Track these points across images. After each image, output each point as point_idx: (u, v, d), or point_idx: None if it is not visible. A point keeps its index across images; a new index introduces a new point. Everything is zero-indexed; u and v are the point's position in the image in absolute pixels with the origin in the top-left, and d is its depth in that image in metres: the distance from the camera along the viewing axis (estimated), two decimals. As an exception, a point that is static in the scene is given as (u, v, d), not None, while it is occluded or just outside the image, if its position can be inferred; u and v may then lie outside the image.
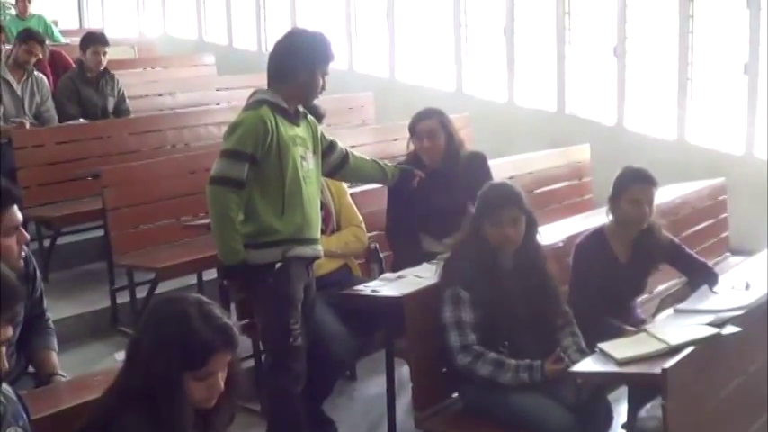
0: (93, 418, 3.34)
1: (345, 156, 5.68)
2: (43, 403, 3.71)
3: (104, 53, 9.64)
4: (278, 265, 5.15)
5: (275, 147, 5.09)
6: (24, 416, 3.17)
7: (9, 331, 3.03)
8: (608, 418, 5.06)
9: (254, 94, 5.34)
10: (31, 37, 9.47)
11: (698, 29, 9.51)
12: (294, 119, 5.26)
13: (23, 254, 4.22)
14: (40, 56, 9.56)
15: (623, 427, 5.23)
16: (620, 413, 5.25)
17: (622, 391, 5.38)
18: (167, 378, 3.22)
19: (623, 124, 10.15)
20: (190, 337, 3.22)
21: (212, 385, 3.29)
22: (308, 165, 5.27)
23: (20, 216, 4.17)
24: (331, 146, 5.60)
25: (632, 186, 5.68)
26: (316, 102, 5.68)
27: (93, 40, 9.70)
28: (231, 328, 3.33)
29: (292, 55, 5.27)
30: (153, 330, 3.31)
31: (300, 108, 5.36)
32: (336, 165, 5.65)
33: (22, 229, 4.16)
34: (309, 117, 5.45)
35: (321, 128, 5.61)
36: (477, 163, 6.50)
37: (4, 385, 3.09)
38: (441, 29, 12.11)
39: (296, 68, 5.22)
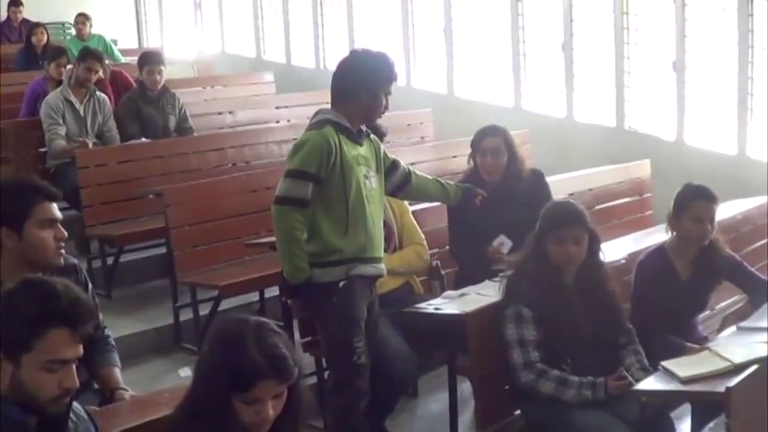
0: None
1: (408, 174, 5.71)
2: (112, 420, 3.76)
3: (160, 72, 9.72)
4: (341, 284, 5.19)
5: (339, 166, 5.13)
6: (95, 432, 3.22)
7: (80, 349, 3.09)
8: (672, 436, 5.06)
9: (317, 113, 5.38)
10: (89, 54, 9.57)
11: (758, 43, 9.44)
12: (357, 138, 5.30)
13: (62, 251, 4.30)
14: (100, 73, 9.65)
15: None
16: (684, 431, 5.24)
17: (685, 408, 5.37)
18: (216, 398, 3.22)
19: (683, 139, 10.08)
20: (239, 359, 3.20)
21: (260, 411, 3.23)
22: (371, 184, 5.31)
23: (57, 213, 4.29)
24: (394, 165, 5.64)
25: (694, 203, 5.66)
26: (378, 120, 5.72)
27: (149, 60, 9.81)
28: (285, 359, 3.25)
29: (355, 75, 5.32)
30: (210, 349, 3.33)
31: (363, 127, 5.39)
32: (399, 184, 5.68)
33: (59, 226, 4.25)
34: (372, 136, 5.49)
35: (382, 146, 5.64)
36: (537, 180, 6.50)
37: (74, 404, 3.14)
38: (499, 44, 12.08)
39: (359, 88, 5.26)
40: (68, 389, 3.06)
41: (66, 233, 4.31)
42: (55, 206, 4.30)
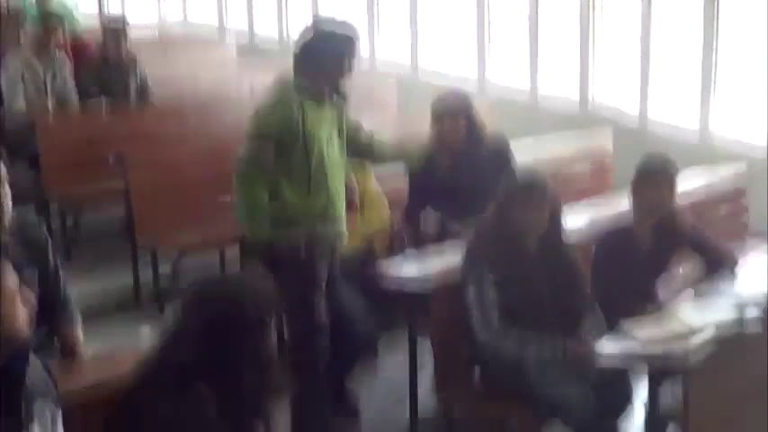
0: (131, 395, 3.42)
1: (370, 138, 5.71)
2: (72, 376, 3.76)
3: (125, 37, 9.64)
4: (302, 245, 5.19)
5: (301, 129, 5.14)
6: (53, 389, 3.20)
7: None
8: (628, 396, 5.10)
9: (280, 76, 5.38)
10: (49, 17, 9.52)
11: (724, 15, 9.47)
12: (320, 101, 5.30)
13: (7, 209, 4.24)
14: (60, 37, 9.58)
15: (644, 405, 5.26)
16: (641, 392, 5.28)
17: (643, 369, 5.41)
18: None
19: (646, 113, 10.12)
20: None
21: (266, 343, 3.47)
22: (333, 146, 5.32)
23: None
24: (356, 128, 5.64)
25: (653, 173, 5.69)
26: (341, 86, 5.70)
27: (114, 24, 9.75)
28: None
29: (318, 42, 5.31)
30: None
31: (326, 91, 5.38)
32: (361, 147, 5.69)
33: (6, 184, 4.21)
34: (335, 100, 5.48)
35: (345, 110, 5.63)
36: (500, 146, 6.51)
37: (32, 359, 3.12)
38: (464, 14, 12.08)
39: (320, 55, 5.26)
40: (33, 305, 3.10)
41: (8, 191, 4.23)
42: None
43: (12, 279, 3.00)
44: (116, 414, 3.46)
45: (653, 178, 5.66)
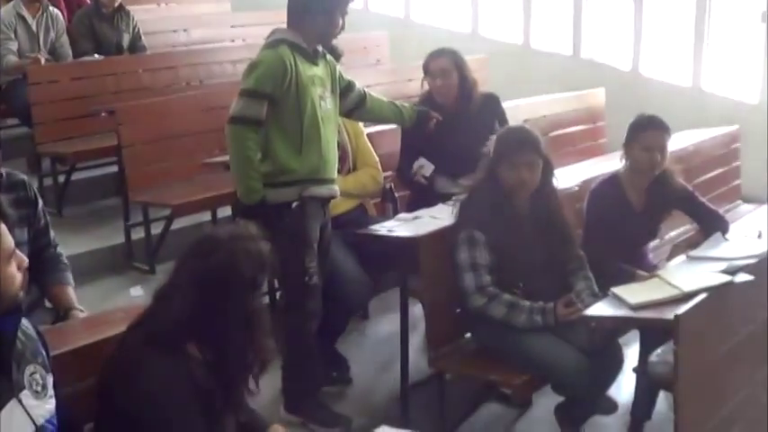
0: (121, 354, 3.43)
1: (363, 96, 5.69)
2: (62, 339, 3.72)
3: (119, -10, 9.63)
4: (294, 205, 5.18)
5: (294, 86, 5.10)
6: (43, 353, 3.18)
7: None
8: (619, 361, 5.09)
9: (273, 33, 5.34)
10: None
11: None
12: (313, 58, 5.27)
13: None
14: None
15: (634, 370, 5.28)
16: (632, 356, 5.30)
17: (633, 334, 5.45)
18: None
19: (639, 70, 10.11)
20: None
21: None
22: (326, 105, 5.28)
23: None
24: (349, 86, 5.61)
25: (644, 133, 5.67)
26: (334, 41, 5.67)
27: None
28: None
29: None
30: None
31: (319, 48, 5.36)
32: (354, 105, 5.66)
33: None
34: (328, 57, 5.46)
35: (338, 67, 5.61)
36: (492, 105, 6.51)
37: (24, 321, 3.11)
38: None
39: (315, 8, 5.22)
40: (25, 268, 3.06)
41: None
42: None
43: (7, 239, 2.99)
44: (107, 374, 3.46)
45: (645, 139, 5.65)
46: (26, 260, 3.08)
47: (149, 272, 7.44)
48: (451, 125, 6.13)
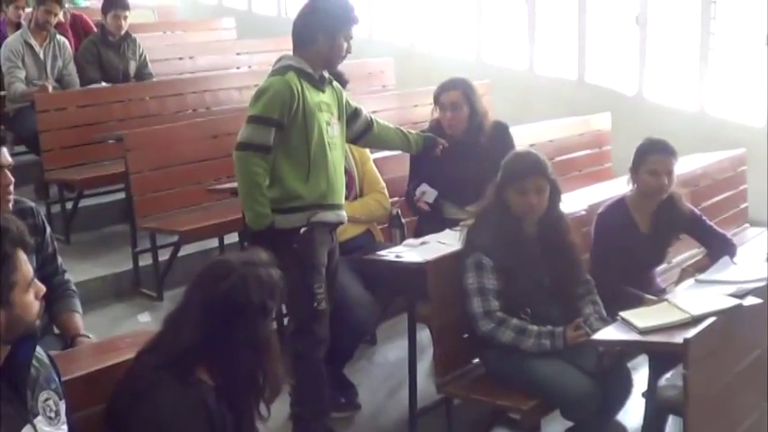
0: (132, 381, 3.43)
1: (370, 123, 5.70)
2: (71, 365, 3.72)
3: (125, 17, 9.66)
4: (303, 230, 5.18)
5: (301, 112, 5.12)
6: (56, 379, 3.20)
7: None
8: (628, 385, 5.10)
9: (280, 59, 5.36)
10: None
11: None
12: (320, 85, 5.28)
13: (9, 197, 4.24)
14: (60, 16, 9.58)
15: (643, 395, 5.27)
16: (640, 381, 5.29)
17: (642, 358, 5.43)
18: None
19: (643, 94, 10.12)
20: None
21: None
22: (332, 131, 5.29)
23: (2, 158, 4.21)
24: (356, 112, 5.63)
25: (651, 157, 5.69)
26: (340, 68, 5.69)
27: (114, 4, 9.69)
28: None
29: (314, 18, 5.30)
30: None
31: (326, 74, 5.38)
32: (361, 131, 5.68)
33: (7, 171, 4.20)
34: (335, 83, 5.47)
35: (345, 93, 5.63)
36: (501, 133, 6.49)
37: (38, 348, 3.13)
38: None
39: (318, 32, 5.24)
40: (42, 296, 3.08)
41: (12, 178, 4.24)
42: (3, 150, 4.23)
43: (27, 267, 3.01)
44: (117, 400, 3.46)
45: (652, 163, 5.67)
46: (44, 289, 3.10)
47: (157, 298, 7.44)
48: (460, 154, 6.14)
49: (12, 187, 4.25)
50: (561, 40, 11.02)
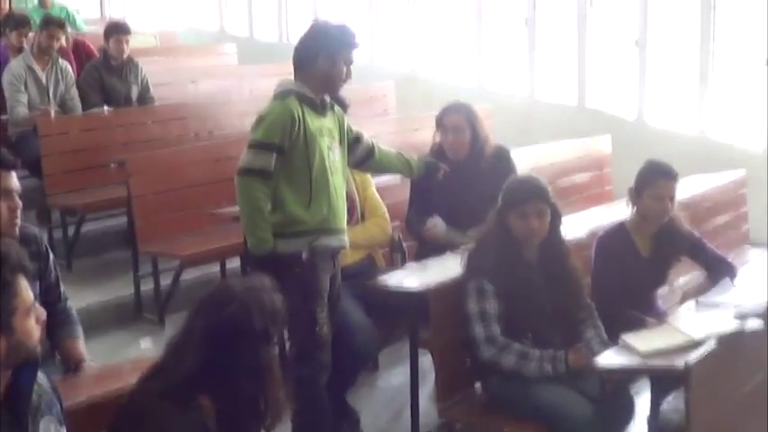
0: (134, 408, 3.43)
1: (371, 147, 5.71)
2: (74, 392, 3.75)
3: (127, 41, 9.70)
4: (304, 255, 5.19)
5: (302, 137, 5.13)
6: (58, 405, 3.20)
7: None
8: (630, 410, 5.10)
9: (280, 84, 5.37)
10: (51, 22, 9.56)
11: (720, 21, 9.49)
12: (321, 109, 5.30)
13: (17, 221, 4.25)
14: (62, 41, 9.63)
15: (646, 419, 5.27)
16: (643, 405, 5.29)
17: (644, 383, 5.43)
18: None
19: (644, 118, 10.14)
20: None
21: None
22: (334, 155, 5.31)
23: (12, 183, 4.22)
24: (357, 137, 5.64)
25: (655, 182, 5.68)
26: (341, 92, 5.71)
27: (116, 29, 9.75)
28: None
29: (314, 42, 5.33)
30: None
31: (327, 99, 5.39)
32: (362, 156, 5.68)
33: (15, 196, 4.21)
34: (336, 108, 5.49)
35: (346, 118, 5.64)
36: (502, 157, 6.49)
37: (39, 374, 3.13)
38: (461, 21, 12.10)
39: (317, 55, 5.26)
40: (43, 320, 3.09)
41: (20, 203, 4.25)
42: (12, 175, 4.24)
43: (28, 293, 3.02)
44: (119, 426, 3.46)
45: (657, 188, 5.66)
46: (44, 314, 3.10)
47: (158, 324, 7.45)
48: (461, 178, 6.14)
49: (19, 212, 4.27)
50: (561, 65, 11.05)
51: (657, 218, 5.72)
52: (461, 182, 6.13)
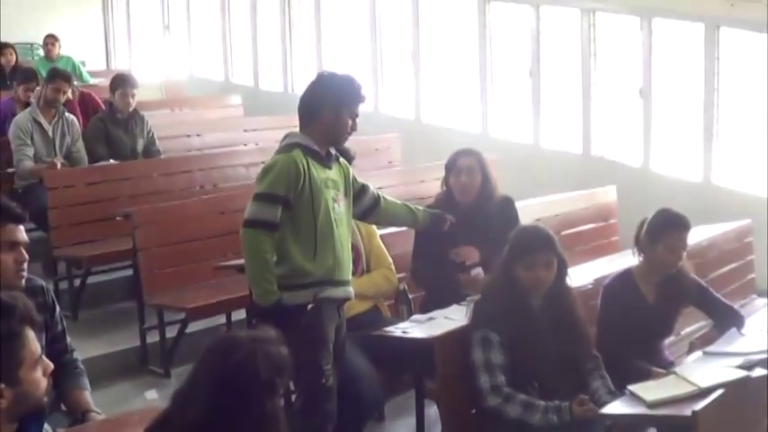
0: None
1: (377, 199, 5.72)
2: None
3: (133, 95, 9.71)
4: (310, 307, 5.18)
5: (307, 189, 5.14)
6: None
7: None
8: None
9: (286, 136, 5.39)
10: (58, 75, 9.58)
11: (724, 71, 9.53)
12: (326, 161, 5.32)
13: (23, 274, 4.28)
14: (69, 94, 9.66)
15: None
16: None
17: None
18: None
19: (649, 166, 10.16)
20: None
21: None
22: (339, 207, 5.32)
23: (21, 236, 4.27)
24: (363, 189, 5.65)
25: (670, 233, 5.66)
26: (346, 144, 5.73)
27: (123, 82, 9.76)
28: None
29: (319, 96, 5.35)
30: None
31: (332, 151, 5.41)
32: (368, 208, 5.69)
33: (22, 249, 4.24)
34: (341, 160, 5.51)
35: (351, 170, 5.66)
36: (507, 207, 6.52)
37: (46, 426, 3.14)
38: (466, 71, 12.16)
39: (323, 107, 5.28)
40: (50, 373, 3.11)
41: (27, 256, 4.28)
42: (21, 228, 4.28)
43: (35, 345, 3.02)
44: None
45: (672, 240, 5.65)
46: (51, 366, 3.12)
47: (164, 376, 7.43)
48: (468, 223, 6.15)
49: (26, 264, 4.30)
50: (566, 114, 11.09)
51: (668, 268, 5.72)
52: (470, 227, 6.13)
